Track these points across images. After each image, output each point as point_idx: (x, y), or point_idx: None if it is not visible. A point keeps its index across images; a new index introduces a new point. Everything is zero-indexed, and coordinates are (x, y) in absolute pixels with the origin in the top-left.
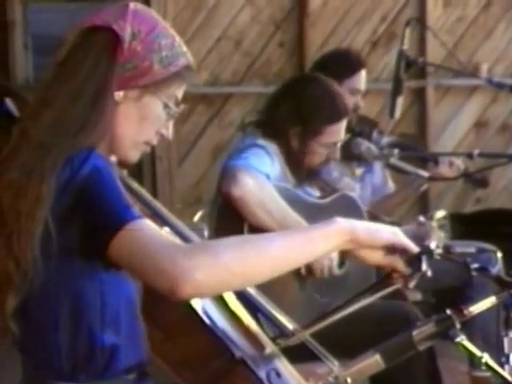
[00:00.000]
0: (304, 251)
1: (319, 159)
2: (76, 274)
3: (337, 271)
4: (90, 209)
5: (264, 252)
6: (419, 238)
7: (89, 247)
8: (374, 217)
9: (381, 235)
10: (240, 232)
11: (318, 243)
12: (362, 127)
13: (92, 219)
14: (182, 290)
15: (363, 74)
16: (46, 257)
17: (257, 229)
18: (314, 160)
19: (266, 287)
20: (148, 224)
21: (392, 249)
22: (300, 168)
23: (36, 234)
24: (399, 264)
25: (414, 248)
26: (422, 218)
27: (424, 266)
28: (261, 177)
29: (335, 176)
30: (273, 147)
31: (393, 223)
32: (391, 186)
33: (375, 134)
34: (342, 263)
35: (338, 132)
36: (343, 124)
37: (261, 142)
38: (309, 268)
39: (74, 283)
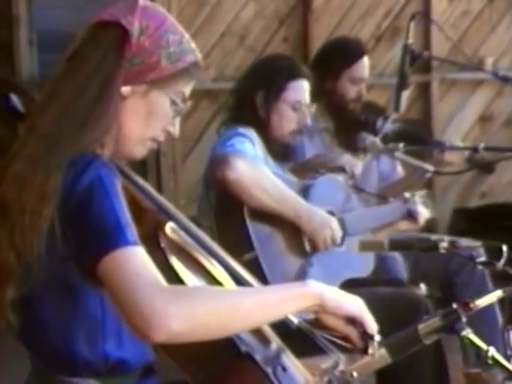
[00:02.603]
0: (275, 310)
1: (288, 125)
2: (76, 281)
3: (339, 241)
4: (85, 222)
5: (238, 307)
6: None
7: (83, 260)
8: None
9: (346, 307)
10: (241, 217)
11: (289, 304)
12: (367, 116)
13: (86, 234)
14: (155, 336)
15: (364, 61)
16: (51, 256)
17: (256, 211)
18: (284, 126)
19: (271, 266)
20: (138, 253)
21: (351, 320)
22: (276, 142)
23: (42, 230)
24: (353, 335)
25: (371, 328)
26: (407, 195)
27: (370, 351)
28: (250, 158)
29: (334, 154)
30: (252, 133)
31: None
32: (400, 171)
33: (380, 122)
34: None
35: (302, 89)
36: (306, 84)
37: (241, 130)
38: (312, 243)
39: (74, 290)
